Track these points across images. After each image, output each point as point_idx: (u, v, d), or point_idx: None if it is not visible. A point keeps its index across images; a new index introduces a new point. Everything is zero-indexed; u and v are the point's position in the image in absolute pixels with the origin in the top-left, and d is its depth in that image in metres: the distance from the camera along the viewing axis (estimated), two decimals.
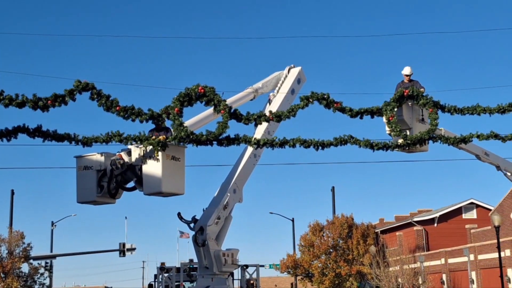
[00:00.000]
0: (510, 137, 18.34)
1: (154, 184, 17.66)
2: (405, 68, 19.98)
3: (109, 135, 15.63)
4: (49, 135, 15.27)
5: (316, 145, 16.08)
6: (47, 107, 14.73)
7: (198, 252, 20.04)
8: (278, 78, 23.37)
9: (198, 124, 19.57)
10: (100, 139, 15.71)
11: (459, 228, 51.86)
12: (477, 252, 43.72)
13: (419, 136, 17.36)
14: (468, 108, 18.51)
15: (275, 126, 21.16)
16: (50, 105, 14.75)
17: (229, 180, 20.93)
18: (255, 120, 16.05)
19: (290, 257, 54.22)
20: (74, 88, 14.99)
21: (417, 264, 48.27)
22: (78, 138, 15.59)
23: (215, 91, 15.96)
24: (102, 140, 15.73)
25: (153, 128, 17.94)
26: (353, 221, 53.41)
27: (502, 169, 26.30)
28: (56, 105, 14.83)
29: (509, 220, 41.84)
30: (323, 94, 16.38)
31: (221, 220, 20.24)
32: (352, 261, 51.20)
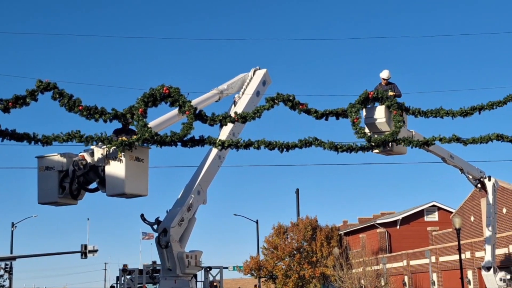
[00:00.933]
0: (471, 141, 18.60)
1: (117, 185, 17.46)
2: (383, 72, 20.05)
3: (70, 135, 15.36)
4: (8, 134, 14.95)
5: (281, 147, 16.07)
6: (7, 109, 14.45)
7: (161, 254, 19.88)
8: (243, 80, 23.34)
9: (162, 125, 19.42)
10: (60, 138, 15.41)
11: (421, 230, 52.50)
12: (438, 254, 44.27)
13: (383, 139, 17.46)
14: (431, 111, 18.72)
15: (240, 127, 21.12)
16: (11, 107, 14.48)
17: (193, 182, 20.80)
18: (220, 121, 15.98)
19: (253, 259, 54.25)
20: (35, 88, 14.73)
21: (379, 266, 48.71)
22: (38, 138, 15.29)
23: (180, 92, 15.85)
24: (62, 139, 15.44)
25: (118, 128, 17.73)
26: (317, 223, 53.67)
27: (465, 172, 26.68)
28: (17, 106, 14.56)
29: (469, 223, 42.47)
30: (288, 95, 16.38)
31: (184, 222, 20.12)
32: (315, 263, 51.44)
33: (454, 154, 25.31)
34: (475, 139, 18.65)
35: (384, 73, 20.00)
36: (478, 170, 27.86)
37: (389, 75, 19.94)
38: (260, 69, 23.63)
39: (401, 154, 20.24)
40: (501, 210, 37.62)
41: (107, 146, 16.78)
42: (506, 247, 36.75)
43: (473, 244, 40.39)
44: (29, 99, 14.64)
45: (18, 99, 14.53)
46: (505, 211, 38.21)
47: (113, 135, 17.09)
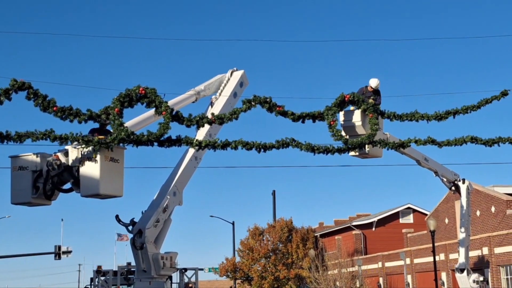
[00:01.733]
0: (446, 143, 18.77)
1: (91, 185, 17.33)
2: (373, 80, 19.69)
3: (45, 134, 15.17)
4: None
5: (258, 148, 16.06)
6: None
7: (136, 255, 19.77)
8: (220, 81, 23.29)
9: (138, 125, 19.31)
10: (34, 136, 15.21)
11: (396, 232, 52.83)
12: (413, 256, 44.59)
13: (359, 142, 17.55)
14: (407, 114, 18.87)
15: (217, 129, 21.08)
16: None
17: (169, 183, 20.72)
18: (197, 122, 15.92)
19: (229, 261, 54.19)
20: (10, 87, 14.54)
21: (355, 267, 48.92)
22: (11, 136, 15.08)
23: (156, 92, 15.77)
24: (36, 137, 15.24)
25: (95, 128, 17.59)
26: (293, 225, 53.78)
27: (440, 175, 26.92)
28: None
29: (444, 225, 42.83)
30: (265, 97, 16.39)
31: (160, 223, 20.03)
32: (291, 265, 51.53)
33: (429, 157, 25.52)
34: (449, 142, 18.84)
35: (373, 82, 19.74)
36: (452, 173, 28.12)
37: (377, 84, 19.77)
38: (238, 70, 23.61)
39: (377, 157, 20.36)
40: (475, 213, 38.00)
41: (82, 146, 16.63)
42: (479, 249, 37.13)
43: (447, 246, 40.75)
44: (3, 98, 14.44)
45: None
46: (479, 213, 38.61)
47: (89, 135, 16.96)
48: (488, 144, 19.05)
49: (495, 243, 36.08)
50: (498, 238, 35.84)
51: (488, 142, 19.02)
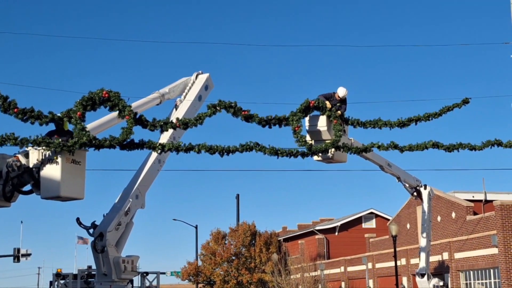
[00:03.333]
0: (408, 148, 18.99)
1: (52, 187, 17.11)
2: (341, 89, 19.61)
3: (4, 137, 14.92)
4: None
5: (222, 152, 16.04)
6: None
7: (96, 258, 19.59)
8: (185, 84, 23.22)
9: (101, 128, 19.11)
10: None
11: (359, 237, 53.19)
12: (375, 260, 44.97)
13: (323, 147, 17.65)
14: (370, 121, 19.06)
15: (181, 132, 20.98)
16: None
17: (132, 186, 20.57)
18: (161, 126, 15.85)
19: (191, 264, 53.98)
20: None
21: (317, 272, 49.16)
22: None
23: (120, 96, 15.64)
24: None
25: (52, 130, 17.35)
26: (256, 229, 53.83)
27: (402, 180, 27.25)
28: None
29: (405, 230, 43.29)
30: (230, 102, 16.38)
31: (121, 226, 19.87)
32: (254, 269, 51.55)
33: (392, 163, 25.81)
34: (411, 147, 19.04)
35: (341, 91, 19.67)
36: (414, 178, 28.48)
37: (345, 94, 19.78)
38: (203, 74, 23.57)
39: (342, 162, 20.50)
40: (436, 218, 38.50)
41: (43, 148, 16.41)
42: (440, 255, 37.62)
43: (408, 251, 41.20)
44: None
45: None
46: (440, 219, 39.12)
47: (46, 137, 16.75)
48: (449, 150, 19.31)
49: (455, 248, 36.60)
50: (458, 243, 36.37)
51: (449, 147, 19.28)
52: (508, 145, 19.43)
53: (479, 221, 35.31)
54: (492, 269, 33.80)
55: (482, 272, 34.77)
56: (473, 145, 19.25)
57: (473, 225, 35.71)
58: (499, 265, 32.67)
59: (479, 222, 35.20)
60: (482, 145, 19.33)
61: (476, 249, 34.84)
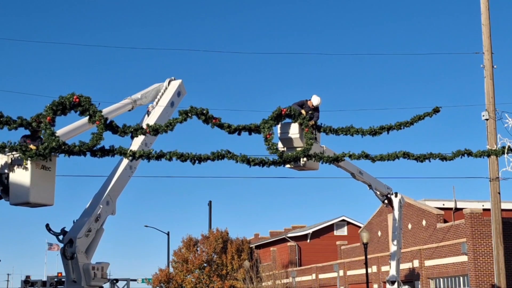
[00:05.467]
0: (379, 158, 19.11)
1: (21, 193, 16.93)
2: (315, 98, 19.50)
3: None
4: None
5: (193, 159, 16.01)
6: None
7: (66, 265, 19.39)
8: (157, 90, 23.12)
9: (71, 133, 18.93)
10: None
11: (330, 244, 53.34)
12: (346, 268, 45.16)
13: (295, 155, 17.70)
14: (342, 129, 19.17)
15: (153, 138, 20.87)
16: None
17: (102, 192, 20.40)
18: (131, 132, 15.79)
19: (162, 271, 53.70)
20: None
21: (289, 279, 49.19)
22: None
23: (91, 101, 15.55)
24: None
25: (27, 134, 17.16)
26: (228, 236, 53.73)
27: (373, 188, 27.38)
28: None
29: (377, 238, 43.55)
30: (202, 109, 16.36)
31: (92, 233, 19.69)
32: (225, 276, 51.43)
33: (363, 170, 25.91)
34: (383, 156, 19.17)
35: (315, 100, 19.61)
36: (385, 186, 28.64)
37: (319, 103, 19.77)
38: (175, 80, 23.48)
39: (314, 170, 20.55)
40: (407, 226, 38.79)
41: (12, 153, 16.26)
42: (410, 262, 37.91)
43: (379, 259, 41.44)
44: None
45: None
46: (410, 226, 39.43)
47: (21, 140, 16.58)
48: (420, 160, 19.49)
49: (426, 256, 36.92)
50: (429, 251, 36.70)
51: (420, 157, 19.45)
52: (478, 154, 19.68)
53: (449, 229, 35.67)
54: (462, 277, 34.15)
55: (452, 279, 35.12)
56: (443, 155, 19.45)
57: (443, 233, 36.06)
58: (469, 272, 33.02)
59: (449, 230, 35.56)
60: (452, 155, 19.54)
61: (446, 257, 35.18)
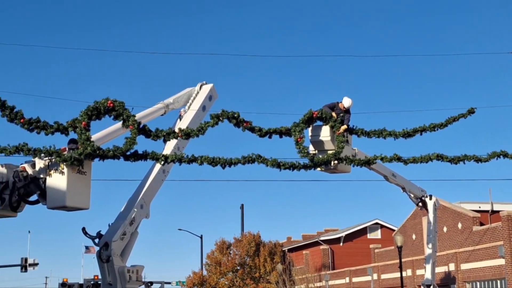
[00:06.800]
0: (412, 160, 19.01)
1: (58, 197, 17.23)
2: (347, 100, 19.56)
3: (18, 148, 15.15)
4: None
5: (224, 164, 16.13)
6: None
7: (102, 268, 19.64)
8: (189, 94, 23.31)
9: (106, 138, 19.21)
10: (7, 151, 15.23)
11: (364, 247, 53.04)
12: (380, 271, 44.85)
13: (325, 158, 17.69)
14: (374, 131, 19.11)
15: (185, 142, 21.06)
16: None
17: (137, 195, 20.64)
18: (164, 136, 15.98)
19: (196, 274, 53.99)
20: None
21: (322, 282, 49.03)
22: None
23: (124, 106, 15.80)
24: (9, 152, 15.25)
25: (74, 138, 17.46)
26: (260, 239, 53.81)
27: (407, 191, 27.18)
28: None
29: (411, 241, 43.20)
30: (233, 112, 16.49)
31: (126, 236, 19.93)
32: (258, 279, 51.48)
33: (397, 173, 25.76)
34: (415, 159, 19.07)
35: (346, 102, 19.55)
36: (419, 189, 28.42)
37: (350, 105, 19.72)
38: (207, 84, 23.65)
39: (346, 172, 20.51)
40: (442, 229, 38.42)
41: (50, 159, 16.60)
42: (446, 265, 37.51)
43: (414, 262, 41.09)
44: None
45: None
46: (446, 229, 39.04)
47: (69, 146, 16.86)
48: (454, 162, 19.35)
49: (462, 259, 36.50)
50: (465, 254, 36.28)
51: (453, 159, 19.31)
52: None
53: (485, 231, 35.22)
54: (499, 280, 33.68)
55: (489, 283, 34.65)
56: (478, 157, 19.28)
57: (480, 236, 35.62)
58: (506, 276, 32.56)
59: (486, 232, 35.11)
60: (488, 156, 19.37)
61: (483, 260, 34.74)
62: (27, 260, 48.24)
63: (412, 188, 27.74)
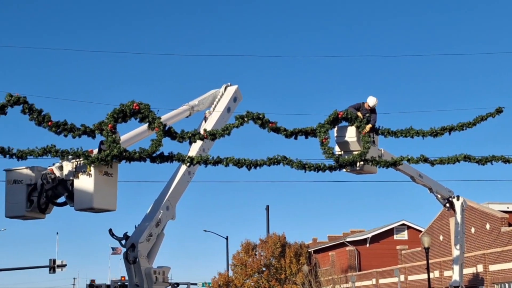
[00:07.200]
0: (439, 161, 18.84)
1: (85, 199, 17.40)
2: (371, 99, 19.47)
3: (46, 149, 15.36)
4: None
5: (249, 165, 16.16)
6: None
7: (128, 269, 19.78)
8: (214, 96, 23.39)
9: (132, 140, 19.36)
10: (35, 153, 15.44)
11: (390, 248, 52.73)
12: (407, 273, 44.54)
13: (351, 159, 17.60)
14: (401, 131, 18.97)
15: (210, 143, 21.13)
16: None
17: (162, 197, 20.76)
18: (189, 138, 16.06)
19: (221, 275, 54.10)
20: (5, 102, 14.73)
21: (348, 284, 48.81)
22: (13, 152, 15.27)
23: (150, 108, 15.92)
24: (37, 154, 15.46)
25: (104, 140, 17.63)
26: (286, 240, 53.76)
27: (434, 191, 26.96)
28: None
29: (438, 242, 42.84)
30: (258, 113, 16.50)
31: (153, 237, 20.06)
32: (284, 280, 51.42)
33: (423, 174, 25.57)
34: (442, 160, 18.90)
35: (371, 101, 19.49)
36: (446, 189, 28.17)
37: (375, 104, 19.63)
38: (232, 85, 23.70)
39: (372, 173, 20.40)
40: (470, 230, 38.04)
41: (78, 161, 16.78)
42: (474, 267, 37.13)
43: (441, 263, 40.74)
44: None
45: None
46: (474, 230, 38.65)
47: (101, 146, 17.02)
48: (482, 163, 19.15)
49: (490, 260, 36.09)
50: (493, 255, 35.86)
51: (481, 160, 19.12)
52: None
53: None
54: None
55: None
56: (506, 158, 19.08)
57: (508, 237, 35.20)
58: None
59: None
60: None
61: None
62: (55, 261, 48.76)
63: (439, 189, 27.51)
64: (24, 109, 14.94)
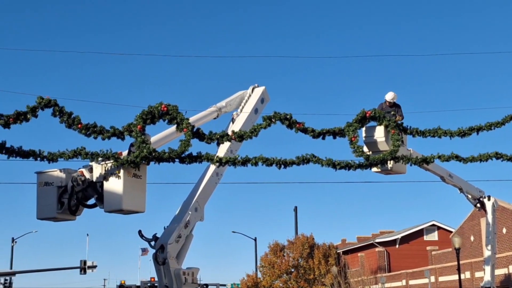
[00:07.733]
0: (470, 159, 18.66)
1: (114, 201, 17.57)
2: (388, 94, 19.64)
3: (76, 152, 15.56)
4: (14, 152, 15.14)
5: (279, 164, 16.17)
6: (8, 125, 14.65)
7: (158, 270, 19.91)
8: (242, 97, 23.46)
9: (160, 142, 19.51)
10: (66, 155, 15.65)
11: (420, 249, 52.29)
12: (437, 274, 44.13)
13: (381, 157, 17.52)
14: (429, 130, 18.83)
15: (238, 145, 21.18)
16: (12, 123, 14.69)
17: (191, 198, 20.86)
18: (217, 139, 16.12)
19: (250, 276, 54.14)
20: (36, 105, 14.94)
21: (378, 285, 48.51)
22: (44, 154, 15.48)
23: (178, 109, 16.01)
24: (68, 156, 15.66)
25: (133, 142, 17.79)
26: (314, 241, 53.61)
27: (464, 191, 26.67)
28: (18, 122, 14.76)
29: (469, 243, 42.38)
30: (285, 114, 16.51)
31: (182, 239, 20.15)
32: (313, 281, 51.29)
33: (453, 173, 25.31)
34: (474, 157, 18.73)
35: (389, 95, 19.68)
36: (477, 189, 27.85)
37: (393, 97, 19.68)
38: (259, 87, 23.76)
39: (401, 174, 20.27)
40: (501, 230, 37.57)
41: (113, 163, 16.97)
42: (506, 268, 36.64)
43: (472, 264, 40.28)
44: (30, 115, 14.89)
45: (19, 115, 14.75)
46: (505, 231, 38.16)
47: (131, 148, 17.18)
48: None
49: None
50: None
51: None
52: None
53: None
54: None
55: None
56: None
57: None
58: None
59: None
60: None
61: None
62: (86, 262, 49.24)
63: (470, 189, 27.20)
64: (55, 112, 15.14)
